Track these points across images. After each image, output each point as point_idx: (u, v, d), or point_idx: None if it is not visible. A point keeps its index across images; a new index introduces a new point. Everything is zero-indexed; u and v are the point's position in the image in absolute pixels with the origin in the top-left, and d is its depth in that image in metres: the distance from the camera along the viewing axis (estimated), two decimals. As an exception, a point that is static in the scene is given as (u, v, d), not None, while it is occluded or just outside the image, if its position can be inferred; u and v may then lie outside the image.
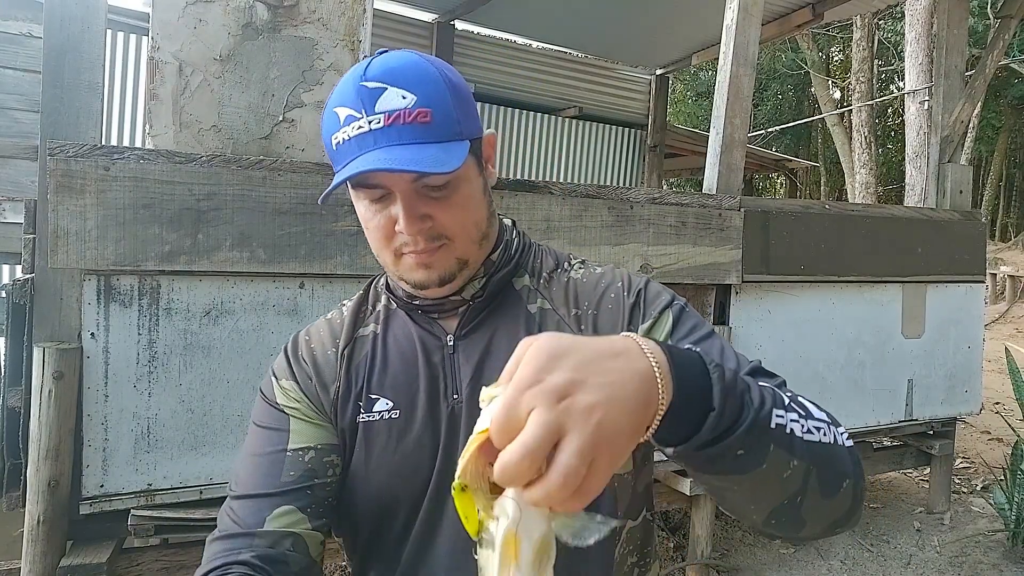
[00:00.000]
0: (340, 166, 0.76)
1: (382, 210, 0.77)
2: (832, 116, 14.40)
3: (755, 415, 0.56)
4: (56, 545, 1.83)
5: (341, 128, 0.75)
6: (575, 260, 0.91)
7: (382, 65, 0.74)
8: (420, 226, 0.75)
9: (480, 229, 0.81)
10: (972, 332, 3.47)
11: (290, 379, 0.86)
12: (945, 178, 3.54)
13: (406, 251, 0.78)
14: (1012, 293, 11.29)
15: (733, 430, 0.55)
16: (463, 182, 0.78)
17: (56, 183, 1.76)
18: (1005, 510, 3.21)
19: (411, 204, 0.75)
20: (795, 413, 0.61)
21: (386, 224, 0.77)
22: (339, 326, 0.89)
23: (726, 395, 0.55)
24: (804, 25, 5.20)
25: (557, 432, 0.45)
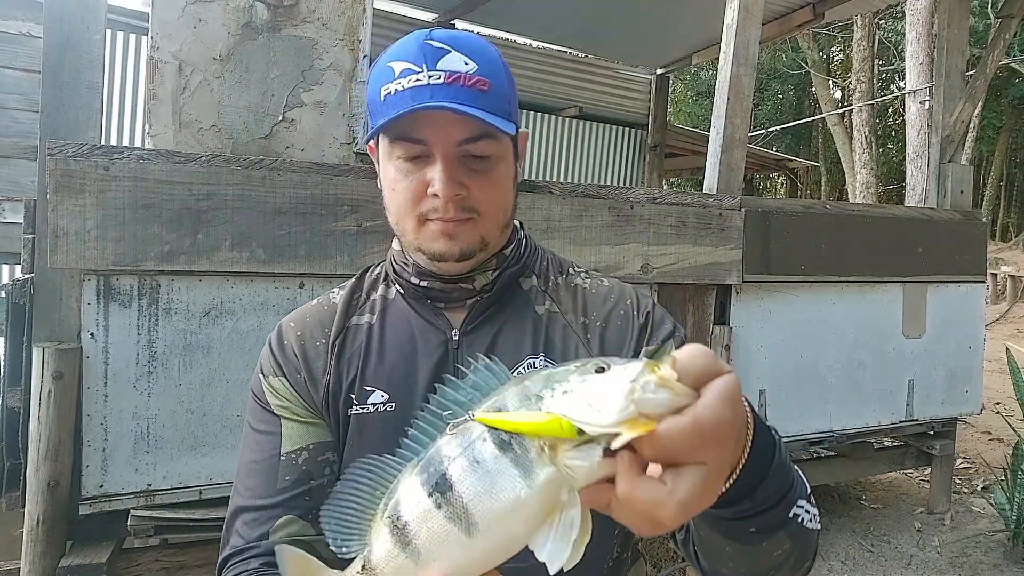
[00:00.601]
0: (384, 118, 0.74)
1: (415, 171, 0.76)
2: (833, 116, 14.39)
3: (786, 504, 0.59)
4: (56, 545, 1.83)
5: (395, 80, 0.74)
6: (578, 268, 0.92)
7: (448, 32, 0.76)
8: (456, 192, 0.75)
9: (506, 215, 0.82)
10: (973, 332, 3.46)
11: (278, 375, 0.84)
12: (946, 178, 3.53)
13: (433, 217, 0.77)
14: (1013, 293, 11.29)
15: (767, 510, 0.58)
16: (501, 162, 0.78)
17: (56, 183, 1.75)
18: (1006, 510, 3.21)
19: (451, 168, 0.75)
20: (807, 503, 0.63)
21: (417, 186, 0.76)
22: (329, 315, 0.87)
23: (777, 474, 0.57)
24: (805, 25, 5.19)
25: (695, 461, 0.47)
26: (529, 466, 0.48)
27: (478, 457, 0.50)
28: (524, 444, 0.48)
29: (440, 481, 0.51)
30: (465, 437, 0.51)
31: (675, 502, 0.45)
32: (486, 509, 0.49)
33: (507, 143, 0.79)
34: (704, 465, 0.45)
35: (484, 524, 0.49)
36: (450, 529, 0.50)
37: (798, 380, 2.98)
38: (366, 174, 2.08)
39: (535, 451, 0.48)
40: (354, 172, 2.06)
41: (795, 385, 2.97)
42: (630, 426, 0.44)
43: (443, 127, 0.74)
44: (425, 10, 5.49)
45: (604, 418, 0.44)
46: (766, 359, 2.90)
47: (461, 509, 0.50)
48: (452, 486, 0.50)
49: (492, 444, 0.49)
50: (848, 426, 3.10)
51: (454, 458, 0.51)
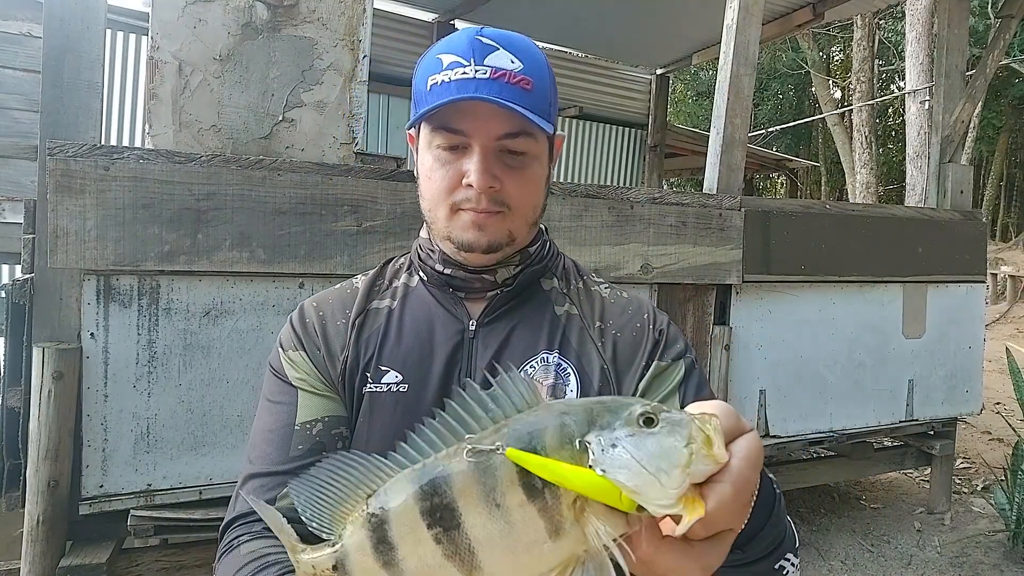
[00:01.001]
0: (428, 106, 0.76)
1: (452, 161, 0.78)
2: (833, 116, 14.39)
3: (776, 557, 0.60)
4: (56, 545, 1.83)
5: (442, 71, 0.76)
6: (598, 277, 0.94)
7: (499, 32, 0.78)
8: (490, 184, 0.77)
9: (535, 212, 0.84)
10: (973, 332, 3.46)
11: (298, 349, 0.85)
12: (946, 178, 3.53)
13: (465, 207, 0.79)
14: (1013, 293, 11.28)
15: (756, 562, 0.58)
16: (536, 161, 0.81)
17: (55, 183, 1.75)
18: (1006, 510, 3.20)
19: (488, 161, 0.77)
20: (794, 556, 0.63)
21: (453, 176, 0.78)
22: (351, 296, 0.89)
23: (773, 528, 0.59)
24: (805, 25, 5.19)
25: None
26: (558, 520, 0.44)
27: (500, 500, 0.44)
28: (557, 494, 0.44)
29: (446, 515, 0.45)
30: (488, 472, 0.45)
31: (700, 567, 0.45)
32: (497, 557, 0.45)
33: (543, 143, 0.81)
34: (733, 531, 0.46)
35: (490, 571, 0.45)
36: (447, 567, 0.46)
37: (798, 380, 2.98)
38: (366, 174, 2.08)
39: (566, 504, 0.44)
40: (354, 172, 2.06)
41: (795, 385, 2.97)
42: (688, 508, 0.42)
43: (484, 120, 0.76)
44: (425, 10, 5.49)
45: (667, 497, 0.42)
46: (766, 359, 2.90)
47: (466, 551, 0.45)
48: (460, 525, 0.45)
49: (521, 488, 0.44)
50: (848, 426, 3.10)
51: (469, 492, 0.45)
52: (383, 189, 2.08)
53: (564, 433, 0.45)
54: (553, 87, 0.81)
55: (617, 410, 0.45)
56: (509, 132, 0.77)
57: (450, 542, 0.45)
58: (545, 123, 0.76)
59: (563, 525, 0.44)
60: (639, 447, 0.43)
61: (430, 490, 0.46)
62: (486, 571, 0.45)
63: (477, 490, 0.45)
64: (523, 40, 0.80)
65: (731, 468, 0.44)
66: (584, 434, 0.45)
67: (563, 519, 0.44)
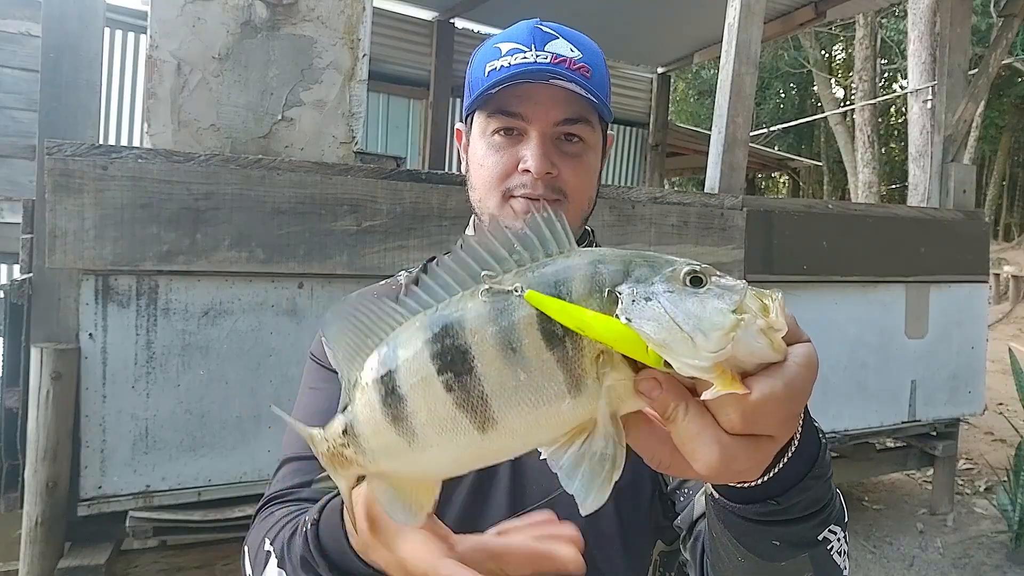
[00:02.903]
0: (487, 91, 0.75)
1: (508, 147, 0.78)
2: (835, 115, 14.37)
3: (819, 524, 0.52)
4: (54, 546, 1.82)
5: (502, 57, 0.76)
6: None
7: (557, 24, 0.79)
8: (548, 170, 0.76)
9: (590, 203, 0.84)
10: (975, 332, 3.45)
11: None
12: (948, 177, 3.52)
13: (519, 193, 0.78)
14: (1015, 293, 11.26)
15: (795, 521, 0.50)
16: (592, 151, 0.80)
17: (54, 183, 1.75)
18: (1008, 511, 3.19)
19: (546, 147, 0.76)
20: (842, 533, 0.57)
21: (508, 161, 0.78)
22: (395, 291, 0.88)
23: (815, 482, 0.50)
24: (806, 23, 5.18)
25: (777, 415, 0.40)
26: (579, 374, 0.40)
27: (516, 344, 0.40)
28: (579, 345, 0.39)
29: (457, 358, 0.41)
30: (504, 311, 0.40)
31: (722, 455, 0.39)
32: (511, 410, 0.41)
33: (599, 135, 0.81)
34: (772, 439, 0.40)
35: (504, 425, 0.41)
36: (459, 419, 0.41)
37: (800, 380, 2.97)
38: (365, 174, 2.07)
39: (590, 359, 0.39)
40: (353, 172, 2.05)
41: (797, 385, 2.96)
42: (725, 380, 0.37)
43: (543, 105, 0.75)
44: (425, 8, 5.48)
45: (697, 357, 0.36)
46: (768, 359, 2.88)
47: (479, 400, 0.41)
48: (472, 370, 0.41)
49: (539, 334, 0.40)
50: (850, 427, 3.09)
51: (483, 335, 0.40)
52: (382, 189, 2.07)
53: (594, 281, 0.40)
54: (608, 81, 0.81)
55: (659, 265, 0.41)
56: (569, 118, 0.76)
57: (462, 389, 0.41)
58: (604, 108, 0.76)
59: (584, 381, 0.40)
60: (676, 303, 0.38)
61: (441, 332, 0.42)
62: (500, 424, 0.41)
63: (492, 332, 0.40)
64: (581, 34, 0.81)
65: (787, 366, 0.39)
66: (616, 284, 0.40)
67: (584, 374, 0.40)
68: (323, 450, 0.49)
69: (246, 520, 1.94)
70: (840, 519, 0.56)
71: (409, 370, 0.43)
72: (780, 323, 0.38)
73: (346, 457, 0.48)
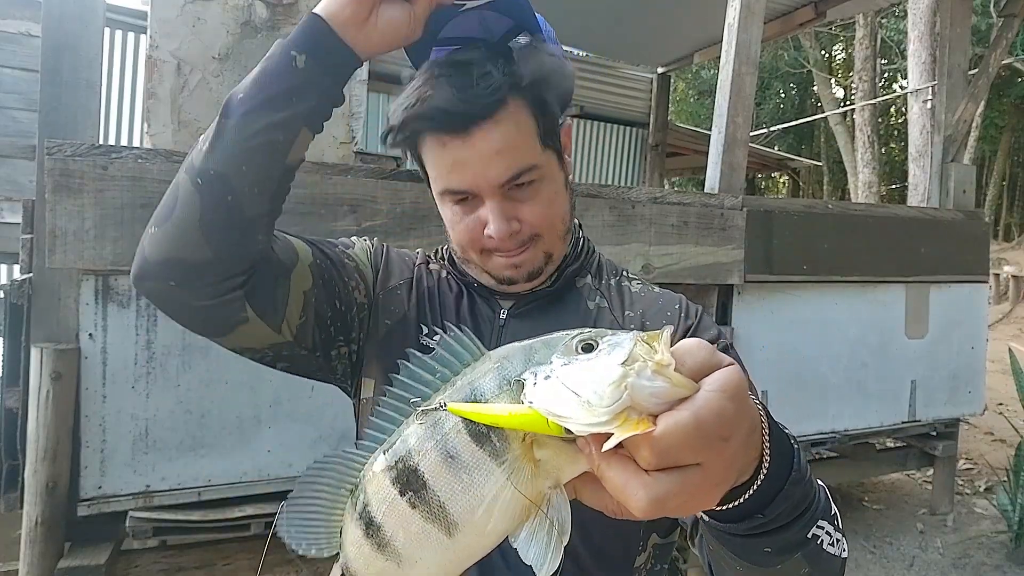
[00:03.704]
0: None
1: (470, 211, 0.78)
2: (835, 115, 14.37)
3: (805, 524, 0.53)
4: (54, 547, 1.82)
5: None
6: (633, 276, 0.94)
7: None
8: (511, 229, 0.77)
9: (565, 223, 0.83)
10: (975, 332, 3.45)
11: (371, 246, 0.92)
12: (948, 177, 3.52)
13: (496, 251, 0.80)
14: (1015, 293, 11.27)
15: (782, 528, 0.52)
16: (546, 179, 0.79)
17: (54, 183, 1.74)
18: (1008, 511, 3.19)
19: (503, 209, 0.76)
20: (830, 524, 0.57)
21: (475, 226, 0.78)
22: (410, 257, 0.95)
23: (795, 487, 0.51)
24: (806, 23, 5.18)
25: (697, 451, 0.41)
26: (510, 460, 0.44)
27: (452, 451, 0.45)
28: (504, 436, 0.44)
29: (411, 478, 0.47)
30: (437, 428, 0.46)
31: (648, 496, 0.40)
32: (466, 509, 0.45)
33: (548, 154, 0.79)
34: (699, 467, 0.41)
35: (464, 524, 0.46)
36: (429, 530, 0.46)
37: (800, 380, 2.97)
38: (365, 174, 2.07)
39: (517, 443, 0.44)
40: (353, 172, 2.05)
41: (797, 385, 2.96)
42: (624, 425, 0.38)
43: (481, 174, 0.74)
44: (426, 9, 5.48)
45: (594, 416, 0.39)
46: (768, 359, 2.88)
47: (438, 508, 0.46)
48: (426, 484, 0.46)
49: (467, 436, 0.45)
50: (850, 427, 3.09)
51: (426, 452, 0.46)
52: (382, 189, 2.07)
53: (502, 376, 0.46)
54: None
55: (554, 343, 0.45)
56: (510, 177, 0.75)
57: (423, 504, 0.46)
58: (541, 149, 0.76)
59: (517, 465, 0.44)
60: (570, 374, 0.41)
61: (393, 459, 0.48)
62: (461, 525, 0.46)
63: (432, 447, 0.46)
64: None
65: (695, 396, 0.40)
66: (520, 373, 0.45)
67: (517, 459, 0.44)
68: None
69: (246, 520, 1.95)
70: (826, 512, 0.57)
71: (378, 499, 0.49)
72: (666, 358, 0.40)
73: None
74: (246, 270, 0.73)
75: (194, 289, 0.71)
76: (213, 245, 0.70)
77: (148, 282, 0.73)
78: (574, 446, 0.43)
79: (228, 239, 0.71)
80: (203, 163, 0.71)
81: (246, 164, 0.70)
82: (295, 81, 0.70)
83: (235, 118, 0.69)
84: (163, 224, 0.72)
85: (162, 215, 0.73)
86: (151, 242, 0.72)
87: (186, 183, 0.72)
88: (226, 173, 0.70)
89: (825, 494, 0.58)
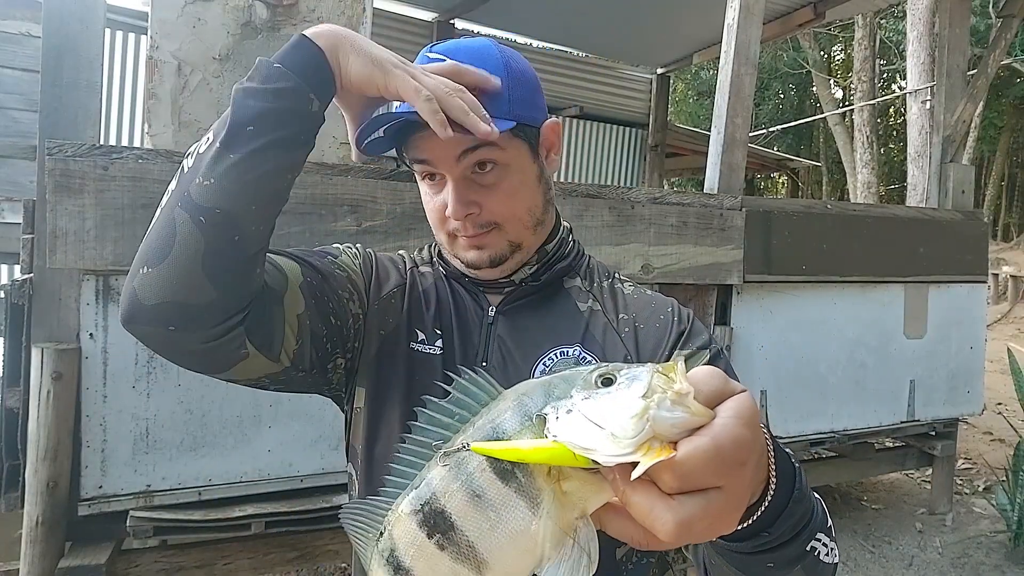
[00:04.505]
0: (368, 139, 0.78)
1: (437, 192, 0.80)
2: (834, 115, 14.37)
3: (805, 538, 0.56)
4: (55, 546, 1.82)
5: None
6: (625, 278, 0.94)
7: (453, 43, 0.79)
8: (467, 212, 0.77)
9: (534, 215, 0.82)
10: (974, 332, 3.45)
11: (359, 257, 0.89)
12: (947, 178, 3.53)
13: (458, 234, 0.80)
14: (1014, 293, 11.28)
15: (785, 544, 0.54)
16: (510, 168, 0.79)
17: (54, 183, 1.75)
18: (1007, 511, 3.20)
19: (460, 190, 0.77)
20: (826, 536, 0.60)
21: (439, 208, 0.79)
22: (400, 258, 0.93)
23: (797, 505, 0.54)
24: (806, 24, 5.19)
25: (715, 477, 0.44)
26: (536, 495, 0.45)
27: (478, 490, 0.46)
28: (529, 471, 0.45)
29: (439, 520, 0.47)
30: (461, 468, 0.47)
31: (674, 519, 0.42)
32: (495, 547, 0.46)
33: (517, 145, 0.78)
34: (720, 490, 0.43)
35: (494, 561, 0.46)
36: (459, 570, 0.47)
37: (799, 380, 2.97)
38: (365, 174, 2.07)
39: (542, 478, 0.45)
40: (353, 172, 2.05)
41: (796, 385, 2.97)
42: (648, 453, 0.40)
43: (440, 144, 0.73)
44: (425, 9, 5.49)
45: (619, 447, 0.41)
46: (767, 359, 2.89)
47: (467, 548, 0.47)
48: (453, 525, 0.47)
49: (493, 474, 0.46)
50: (849, 426, 3.09)
51: (451, 493, 0.47)
52: (383, 189, 2.07)
53: (523, 413, 0.46)
54: (516, 83, 0.78)
55: (573, 378, 0.46)
56: (467, 147, 0.74)
57: (451, 544, 0.47)
58: (498, 126, 0.73)
59: (541, 499, 0.45)
60: (592, 408, 0.43)
61: (418, 503, 0.49)
62: (491, 562, 0.46)
63: (457, 488, 0.47)
64: (474, 45, 0.78)
65: (715, 422, 0.42)
66: (541, 409, 0.46)
67: (541, 493, 0.45)
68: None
69: (247, 520, 1.95)
70: (823, 525, 0.59)
71: (405, 543, 0.49)
72: (684, 387, 0.42)
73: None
74: (246, 306, 0.70)
75: (195, 332, 0.67)
76: (219, 286, 0.66)
77: (142, 326, 0.67)
78: (599, 476, 0.44)
79: (233, 278, 0.67)
80: (206, 200, 0.65)
81: (256, 203, 0.68)
82: (309, 123, 0.70)
83: (241, 155, 0.66)
84: (158, 264, 0.65)
85: (155, 253, 0.65)
86: (144, 283, 0.66)
87: (186, 222, 0.65)
88: (234, 212, 0.66)
89: (821, 507, 0.60)
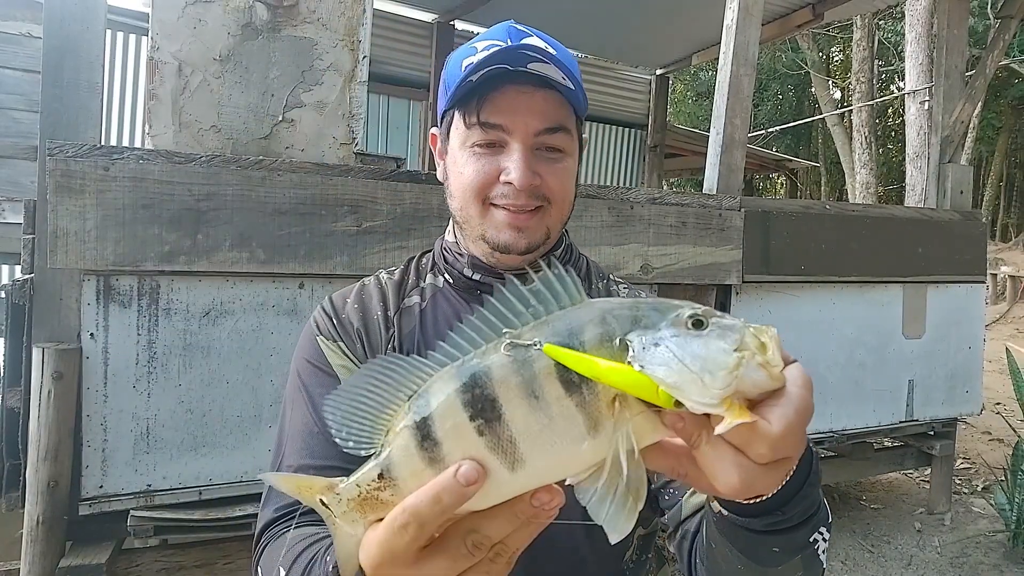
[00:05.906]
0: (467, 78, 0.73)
1: (486, 156, 0.77)
2: (832, 116, 14.39)
3: (812, 527, 0.56)
4: (55, 546, 1.82)
5: (478, 53, 0.75)
6: (619, 280, 0.94)
7: (542, 34, 0.81)
8: (532, 180, 0.76)
9: (569, 207, 0.83)
10: (973, 332, 3.46)
11: (338, 340, 0.83)
12: (945, 178, 3.53)
13: (501, 203, 0.77)
14: (1012, 293, 11.29)
15: (795, 528, 0.55)
16: (570, 157, 0.80)
17: (55, 183, 1.75)
18: (1006, 511, 3.20)
19: (528, 158, 0.76)
20: (827, 531, 0.60)
21: (489, 171, 0.77)
22: (381, 293, 0.87)
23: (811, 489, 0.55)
24: (804, 25, 5.20)
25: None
26: (597, 416, 0.43)
27: (538, 392, 0.44)
28: (595, 390, 0.43)
29: (487, 407, 0.45)
30: (526, 364, 0.44)
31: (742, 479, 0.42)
32: (538, 451, 0.44)
33: (575, 140, 0.81)
34: (790, 460, 0.44)
35: (531, 464, 0.45)
36: (490, 459, 0.45)
37: (798, 380, 2.98)
38: (366, 175, 2.08)
39: (606, 402, 0.43)
40: (354, 172, 2.06)
41: (795, 385, 2.97)
42: (734, 412, 0.40)
43: (522, 115, 0.74)
44: (425, 10, 5.49)
45: (707, 396, 0.40)
46: (766, 359, 2.89)
47: (508, 443, 0.45)
48: (501, 416, 0.44)
49: (558, 382, 0.44)
50: (848, 426, 3.10)
51: (508, 384, 0.44)
52: (383, 189, 2.08)
53: (605, 331, 0.44)
54: (581, 83, 0.80)
55: (664, 311, 0.44)
56: (549, 127, 0.76)
57: (492, 433, 0.45)
58: (580, 103, 0.76)
59: (601, 422, 0.43)
60: (683, 347, 0.42)
61: (471, 382, 0.45)
62: (527, 464, 0.45)
63: (516, 382, 0.44)
64: (552, 38, 0.82)
65: (791, 392, 0.43)
66: (626, 332, 0.44)
67: (602, 416, 0.43)
68: (352, 496, 0.50)
69: (247, 519, 1.95)
70: (825, 520, 0.60)
71: (443, 417, 0.46)
72: (777, 359, 0.43)
73: (382, 501, 0.49)
74: None
75: None
76: None
77: None
78: (659, 417, 0.44)
79: None
80: None
81: None
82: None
83: None
84: None
85: None
86: None
87: None
88: None
89: (826, 505, 0.60)
